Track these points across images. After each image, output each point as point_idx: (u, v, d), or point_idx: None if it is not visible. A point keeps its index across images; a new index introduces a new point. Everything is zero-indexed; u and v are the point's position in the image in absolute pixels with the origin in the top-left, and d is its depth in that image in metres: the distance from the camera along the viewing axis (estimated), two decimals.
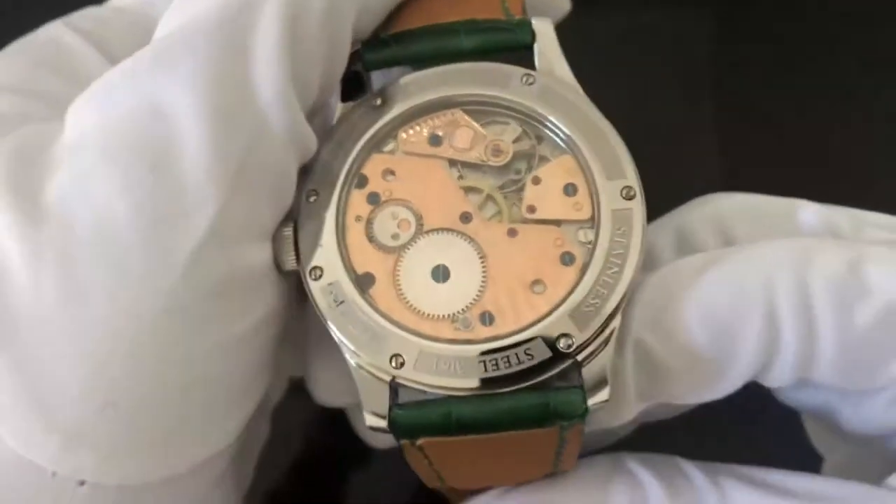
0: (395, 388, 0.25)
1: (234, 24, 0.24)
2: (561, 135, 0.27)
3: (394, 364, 0.25)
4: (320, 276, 0.26)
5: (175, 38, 0.24)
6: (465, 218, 0.26)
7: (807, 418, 0.33)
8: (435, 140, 0.27)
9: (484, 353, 0.25)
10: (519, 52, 0.28)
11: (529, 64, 0.28)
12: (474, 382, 0.24)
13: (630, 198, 0.26)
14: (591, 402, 0.24)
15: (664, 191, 0.28)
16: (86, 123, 0.24)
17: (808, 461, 0.30)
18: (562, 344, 0.24)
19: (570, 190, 0.26)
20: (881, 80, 0.41)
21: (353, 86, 0.28)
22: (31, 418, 0.23)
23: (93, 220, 0.23)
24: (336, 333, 0.25)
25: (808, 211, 0.28)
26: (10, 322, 0.23)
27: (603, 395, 0.24)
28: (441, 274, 0.26)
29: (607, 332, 0.25)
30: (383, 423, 0.24)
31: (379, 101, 0.28)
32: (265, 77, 0.24)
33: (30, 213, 0.23)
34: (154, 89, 0.24)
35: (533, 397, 0.24)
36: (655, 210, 0.26)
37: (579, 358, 0.24)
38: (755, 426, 0.31)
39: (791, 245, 0.25)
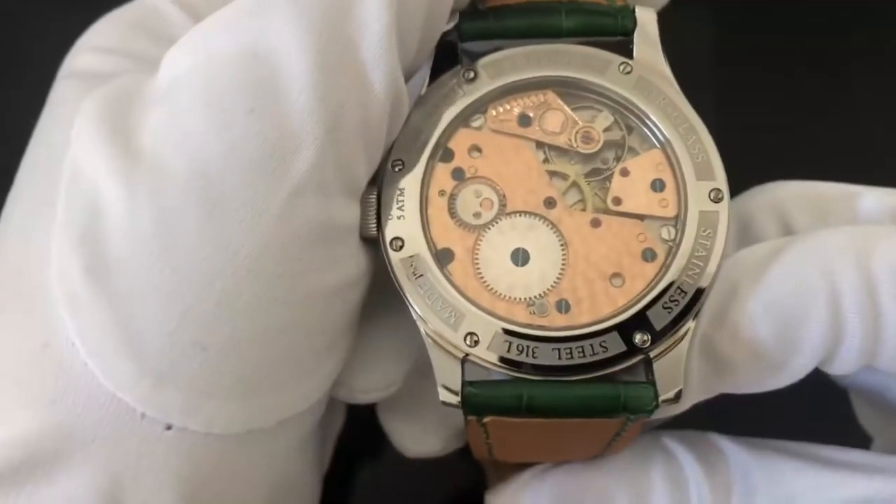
0: (466, 364, 0.25)
1: None
2: (653, 128, 0.26)
3: (468, 342, 0.25)
4: (401, 248, 0.26)
5: None
6: (549, 203, 0.26)
7: (855, 398, 0.33)
8: (524, 120, 0.27)
9: (559, 339, 0.25)
10: (616, 38, 0.27)
11: (626, 53, 0.27)
12: (546, 368, 0.25)
13: (718, 200, 0.26)
14: (662, 398, 0.24)
15: None
16: (181, 65, 0.24)
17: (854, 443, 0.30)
18: (637, 339, 0.25)
19: (657, 185, 0.26)
20: (884, 74, 0.40)
21: (446, 56, 0.28)
22: (122, 356, 0.23)
23: (187, 158, 0.23)
24: (413, 306, 0.25)
25: (868, 197, 0.28)
26: (105, 258, 0.23)
27: (672, 393, 0.24)
28: (520, 257, 0.26)
29: (682, 331, 0.25)
30: (456, 399, 0.25)
31: (472, 74, 0.27)
32: (370, 23, 0.24)
33: (125, 152, 0.23)
34: (254, 31, 0.23)
35: (605, 388, 0.25)
36: None
37: (652, 354, 0.25)
38: (799, 406, 0.31)
39: (852, 233, 0.25)
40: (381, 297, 0.28)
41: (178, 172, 0.23)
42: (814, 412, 0.34)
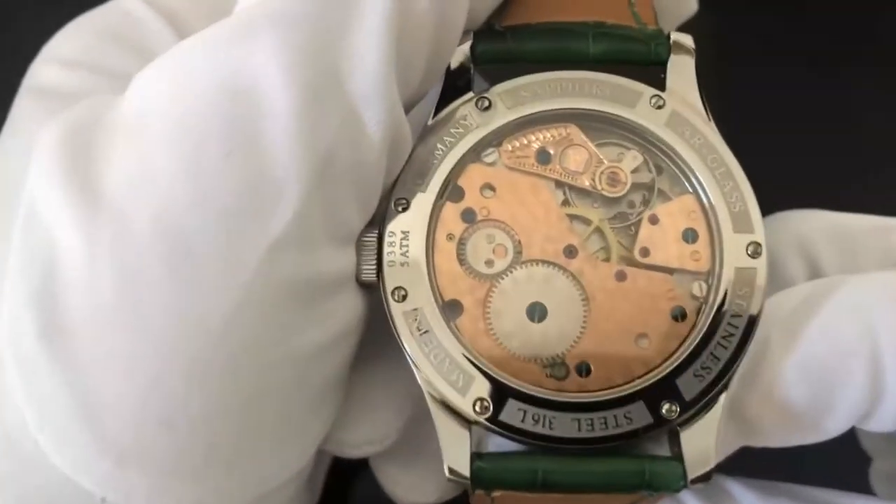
0: (473, 433, 0.23)
1: None
2: (687, 171, 0.24)
3: (477, 409, 0.22)
4: (404, 299, 0.23)
5: (263, 5, 0.21)
6: (570, 252, 0.24)
7: None
8: (544, 157, 0.24)
9: (579, 408, 0.22)
10: (648, 67, 0.25)
11: (657, 83, 0.25)
12: (564, 440, 0.22)
13: (756, 255, 0.23)
14: (692, 475, 0.22)
15: None
16: (152, 96, 0.21)
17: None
18: (665, 410, 0.22)
19: (689, 236, 0.24)
20: (885, 74, 0.40)
21: (457, 81, 0.25)
22: (79, 432, 0.20)
23: (154, 206, 0.20)
24: (416, 366, 0.23)
25: None
26: (61, 319, 0.20)
27: (702, 470, 0.22)
28: (537, 313, 0.23)
29: (714, 401, 0.23)
30: (466, 474, 0.22)
31: (486, 103, 0.24)
32: (365, 54, 0.21)
33: (85, 195, 0.20)
34: (235, 61, 0.21)
35: (628, 464, 0.22)
36: None
37: (679, 426, 0.22)
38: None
39: (890, 283, 0.23)
40: (374, 341, 0.25)
41: (143, 223, 0.20)
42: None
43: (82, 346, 0.20)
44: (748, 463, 0.27)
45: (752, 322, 0.23)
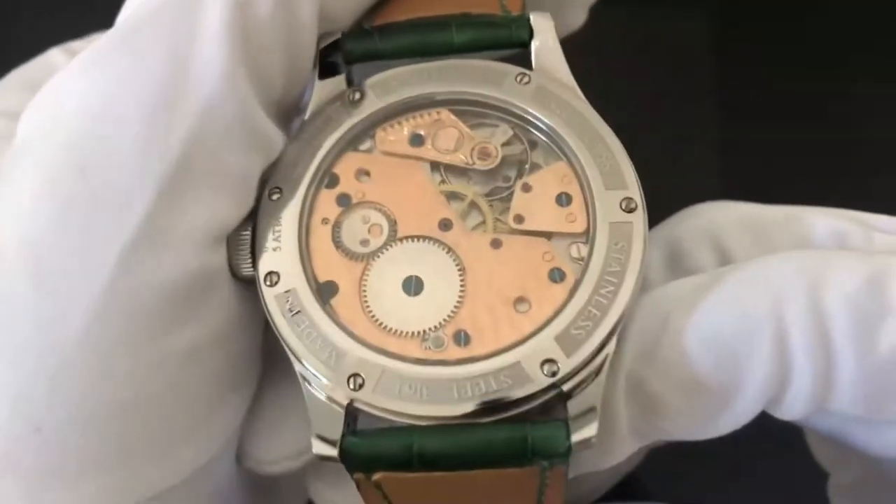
0: (352, 413, 0.22)
1: (178, 6, 0.22)
2: (556, 139, 0.24)
3: (352, 385, 0.21)
4: (276, 282, 0.23)
5: (116, 29, 0.23)
6: (445, 225, 0.23)
7: (809, 433, 0.29)
8: (416, 140, 0.25)
9: (453, 374, 0.21)
10: (514, 50, 0.25)
11: (526, 64, 0.25)
12: (442, 410, 0.21)
13: (631, 210, 0.23)
14: (575, 438, 0.21)
15: (661, 194, 0.25)
16: (25, 129, 0.23)
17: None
18: (545, 370, 0.21)
19: (563, 200, 0.23)
20: (883, 78, 0.40)
21: (329, 83, 0.25)
22: None
23: (19, 231, 0.21)
24: (288, 346, 0.22)
25: (813, 219, 0.25)
26: None
27: (589, 430, 0.21)
28: (413, 286, 0.23)
29: (599, 359, 0.21)
30: (333, 452, 0.21)
31: (357, 96, 0.25)
32: (210, 60, 0.22)
33: None
34: (94, 82, 0.22)
35: (509, 430, 0.21)
36: (652, 212, 0.23)
37: (565, 388, 0.21)
38: (756, 438, 0.28)
39: (800, 260, 0.22)
40: (283, 356, 0.24)
41: (12, 245, 0.21)
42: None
43: None
44: None
45: (633, 273, 0.22)
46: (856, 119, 0.39)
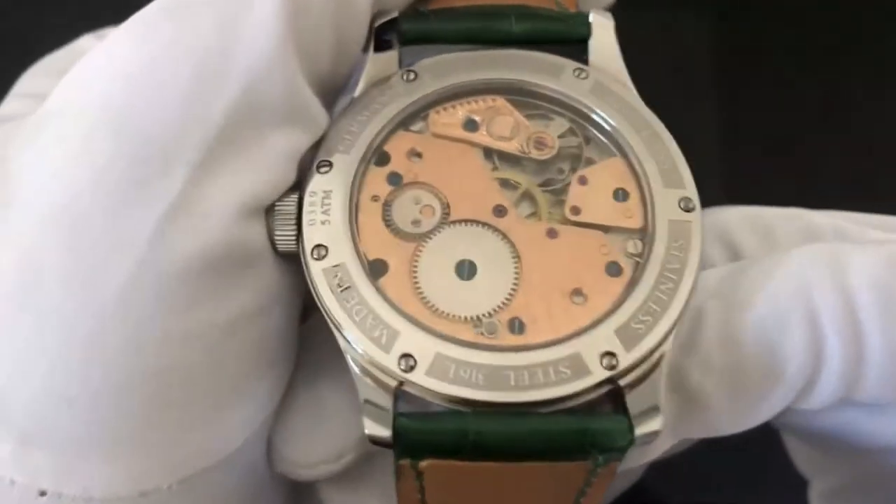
0: (399, 395, 0.21)
1: None
2: (613, 136, 0.24)
3: (403, 366, 0.20)
4: (324, 256, 0.22)
5: (160, 1, 0.22)
6: (499, 211, 0.23)
7: (790, 440, 0.30)
8: (470, 125, 0.24)
9: (510, 361, 0.21)
10: (571, 45, 0.25)
11: (581, 60, 0.25)
12: (499, 397, 0.20)
13: (689, 210, 0.23)
14: (639, 431, 0.20)
15: None
16: (57, 96, 0.22)
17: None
18: (605, 363, 0.21)
19: (620, 195, 0.23)
20: (882, 78, 0.40)
21: (382, 62, 0.25)
22: None
23: (51, 193, 0.20)
24: (335, 322, 0.21)
25: (814, 217, 0.26)
26: None
27: (654, 424, 0.20)
28: (466, 270, 0.22)
29: (656, 355, 0.21)
30: (387, 434, 0.20)
31: (412, 76, 0.24)
32: (259, 32, 0.21)
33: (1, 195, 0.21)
34: (128, 50, 0.21)
35: (568, 422, 0.20)
36: None
37: (622, 383, 0.21)
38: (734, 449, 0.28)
39: (822, 249, 0.23)
40: (322, 345, 0.23)
41: (42, 209, 0.20)
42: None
43: None
44: None
45: (692, 272, 0.22)
46: (856, 119, 0.39)
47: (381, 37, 0.25)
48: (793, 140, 0.37)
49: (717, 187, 0.23)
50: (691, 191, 0.23)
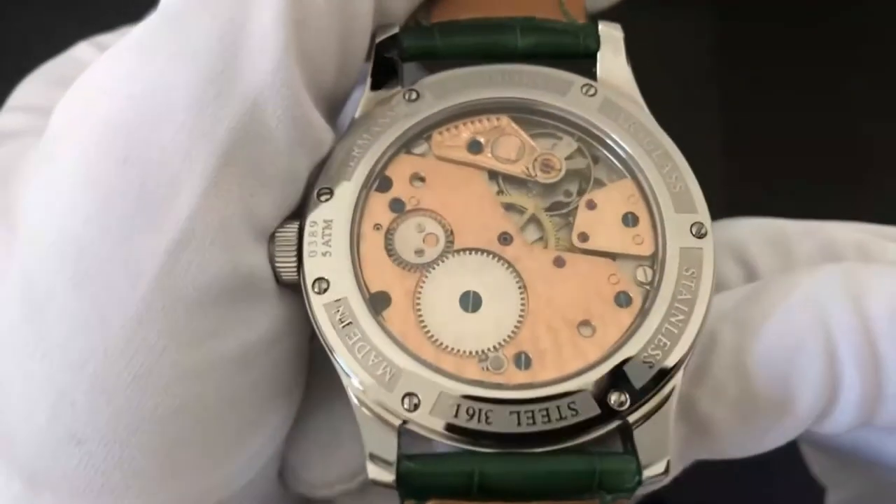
0: (404, 434, 0.20)
1: None
2: (623, 156, 0.23)
3: (406, 405, 0.20)
4: (325, 290, 0.21)
5: (160, 13, 0.21)
6: (505, 239, 0.22)
7: (807, 448, 0.30)
8: (475, 146, 0.23)
9: (517, 401, 0.20)
10: (578, 60, 0.24)
11: (588, 75, 0.24)
12: (503, 437, 0.20)
13: (701, 236, 0.22)
14: (646, 474, 0.20)
15: None
16: (60, 119, 0.21)
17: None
18: (613, 401, 0.20)
19: (629, 220, 0.22)
20: (884, 78, 0.40)
21: (385, 75, 0.24)
22: None
23: (57, 223, 0.20)
24: (338, 360, 0.21)
25: (832, 231, 0.25)
26: None
27: (659, 467, 0.20)
28: (471, 302, 0.22)
29: (667, 389, 0.21)
30: (390, 477, 0.20)
31: (414, 96, 0.24)
32: (262, 47, 0.21)
33: (4, 226, 0.21)
34: (133, 70, 0.21)
35: (576, 462, 0.20)
36: None
37: (631, 419, 0.20)
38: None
39: (840, 272, 0.22)
40: (332, 373, 0.23)
41: (50, 240, 0.20)
42: None
43: None
44: None
45: (703, 302, 0.21)
46: (858, 122, 0.39)
47: (381, 53, 0.24)
48: (795, 142, 0.37)
49: (720, 191, 0.23)
50: (703, 215, 0.22)
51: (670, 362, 0.20)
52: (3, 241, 0.21)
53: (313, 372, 0.24)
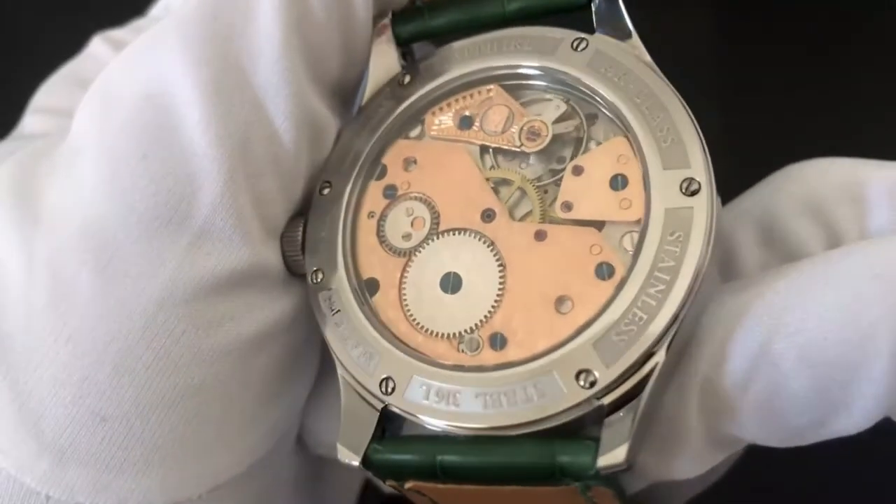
0: (390, 417, 0.21)
1: None
2: (615, 111, 0.21)
3: (384, 389, 0.21)
4: (320, 280, 0.23)
5: (171, 17, 0.23)
6: (488, 216, 0.22)
7: None
8: (465, 122, 0.23)
9: (484, 383, 0.20)
10: (573, 14, 0.22)
11: (587, 29, 0.22)
12: (471, 421, 0.20)
13: (692, 192, 0.19)
14: (601, 463, 0.18)
15: None
16: (82, 119, 0.23)
17: None
18: (582, 382, 0.19)
19: (618, 182, 0.20)
20: (887, 77, 0.36)
21: (383, 64, 0.24)
22: (20, 434, 0.21)
23: (81, 216, 0.22)
24: (330, 347, 0.22)
25: None
26: (6, 335, 0.22)
27: (617, 455, 0.18)
28: (451, 284, 0.21)
29: (645, 369, 0.19)
30: (356, 460, 0.20)
31: (407, 79, 0.24)
32: (263, 46, 0.22)
33: (27, 218, 0.22)
34: (148, 69, 0.22)
35: (535, 447, 0.19)
36: None
37: (606, 402, 0.19)
38: None
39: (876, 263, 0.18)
40: None
41: (73, 233, 0.22)
42: None
43: (19, 350, 0.22)
44: None
45: (689, 270, 0.19)
46: (859, 118, 0.35)
47: (377, 42, 0.24)
48: (796, 140, 0.32)
49: (720, 186, 0.20)
50: (697, 170, 0.19)
51: (647, 339, 0.18)
52: (28, 234, 0.22)
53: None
